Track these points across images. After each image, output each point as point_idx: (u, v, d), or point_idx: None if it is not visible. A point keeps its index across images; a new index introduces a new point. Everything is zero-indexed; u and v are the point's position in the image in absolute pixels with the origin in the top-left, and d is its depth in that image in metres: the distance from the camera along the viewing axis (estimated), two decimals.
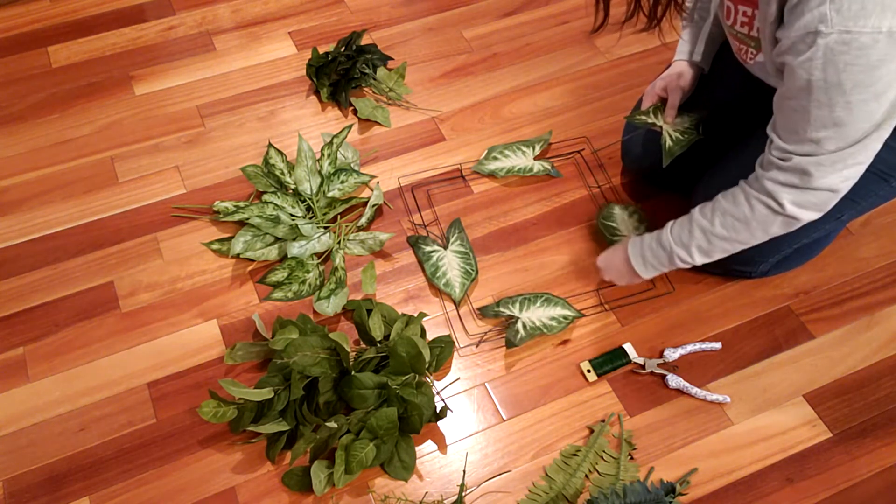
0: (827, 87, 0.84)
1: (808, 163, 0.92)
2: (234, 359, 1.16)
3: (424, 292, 1.29)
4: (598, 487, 1.07)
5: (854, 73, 0.82)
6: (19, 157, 1.46)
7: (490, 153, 1.45)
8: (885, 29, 0.79)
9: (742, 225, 1.02)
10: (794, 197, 0.96)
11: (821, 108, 0.87)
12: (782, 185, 0.96)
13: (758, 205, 0.99)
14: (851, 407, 1.17)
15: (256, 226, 1.29)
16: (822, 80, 0.84)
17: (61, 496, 1.07)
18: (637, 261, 1.15)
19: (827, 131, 0.89)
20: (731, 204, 1.02)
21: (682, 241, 1.08)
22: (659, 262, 1.13)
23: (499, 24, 1.72)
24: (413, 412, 1.07)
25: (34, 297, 1.27)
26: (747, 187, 1.01)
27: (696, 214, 1.07)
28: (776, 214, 0.99)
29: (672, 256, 1.10)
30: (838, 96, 0.85)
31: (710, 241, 1.06)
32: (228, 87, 1.58)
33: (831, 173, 0.92)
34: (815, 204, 0.97)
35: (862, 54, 0.81)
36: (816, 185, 0.94)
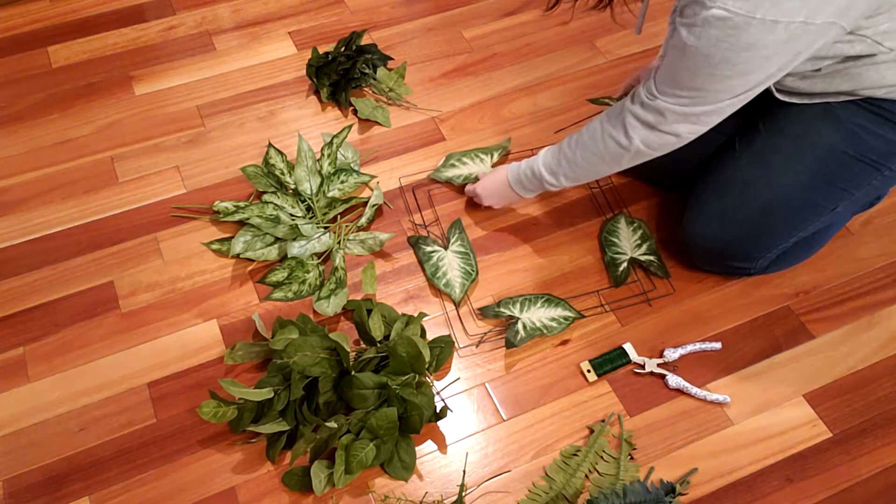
0: (697, 54, 0.91)
1: (665, 107, 1.00)
2: (234, 359, 1.16)
3: (424, 292, 1.29)
4: (598, 487, 1.07)
5: (722, 50, 0.88)
6: (19, 157, 1.46)
7: (448, 160, 1.43)
8: (758, 16, 0.84)
9: (598, 158, 1.13)
10: (645, 135, 1.05)
11: (687, 71, 0.94)
12: (638, 121, 1.05)
13: (610, 141, 1.09)
14: (851, 407, 1.17)
15: (256, 226, 1.29)
16: (695, 47, 0.90)
17: (61, 496, 1.07)
18: (516, 185, 1.26)
19: (688, 92, 0.98)
20: (590, 139, 1.12)
21: (551, 168, 1.18)
22: (532, 186, 1.23)
23: (499, 24, 1.72)
24: (413, 412, 1.07)
25: (34, 297, 1.27)
26: (606, 124, 1.10)
27: (565, 147, 1.17)
28: (625, 150, 1.08)
29: (542, 182, 1.20)
30: (704, 66, 0.91)
31: (574, 171, 1.16)
32: (228, 87, 1.58)
33: (681, 122, 1.01)
34: (660, 145, 1.06)
35: (734, 34, 0.86)
36: (665, 129, 1.03)
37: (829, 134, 1.09)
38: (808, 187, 1.12)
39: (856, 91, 1.05)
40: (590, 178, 1.20)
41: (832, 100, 1.08)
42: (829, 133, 1.09)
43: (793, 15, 0.84)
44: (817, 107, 1.10)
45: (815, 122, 1.10)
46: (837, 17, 0.87)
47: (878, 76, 1.01)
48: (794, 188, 1.12)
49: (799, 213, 1.15)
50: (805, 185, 1.12)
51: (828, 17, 0.86)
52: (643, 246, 1.32)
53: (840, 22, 0.87)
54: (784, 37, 0.86)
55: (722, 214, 1.18)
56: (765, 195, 1.14)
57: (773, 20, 0.84)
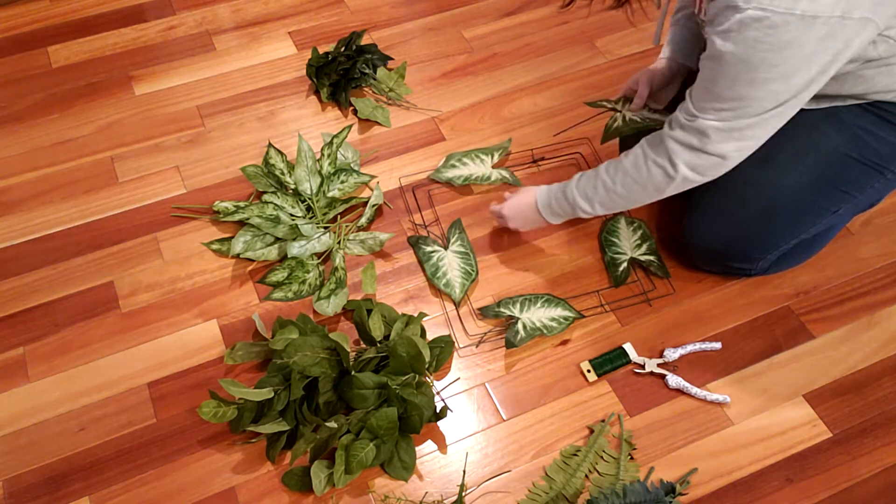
0: (735, 60, 0.88)
1: (708, 126, 0.97)
2: (234, 359, 1.16)
3: (424, 292, 1.29)
4: (598, 487, 1.07)
5: (762, 51, 0.86)
6: (19, 157, 1.46)
7: (448, 161, 1.43)
8: (798, 11, 0.82)
9: (639, 187, 1.08)
10: (689, 159, 1.01)
11: (728, 80, 0.91)
12: (681, 146, 1.01)
13: (654, 168, 1.05)
14: (851, 407, 1.17)
15: (256, 226, 1.29)
16: (732, 52, 0.88)
17: (61, 496, 1.07)
18: (544, 210, 1.20)
19: (728, 104, 0.93)
20: (632, 166, 1.08)
21: (586, 195, 1.14)
22: (563, 211, 1.19)
23: (499, 24, 1.72)
24: (413, 412, 1.07)
25: (34, 297, 1.27)
26: (648, 150, 1.06)
27: (602, 173, 1.12)
28: (670, 179, 1.04)
29: (575, 209, 1.16)
30: (744, 71, 0.89)
31: (611, 199, 1.12)
32: (228, 87, 1.58)
33: (727, 140, 0.97)
34: (707, 168, 1.02)
35: (772, 33, 0.84)
36: (711, 150, 0.99)
37: (832, 136, 1.09)
38: (811, 189, 1.11)
39: (866, 95, 1.04)
40: (627, 206, 1.14)
41: (840, 103, 1.07)
42: (832, 135, 1.09)
43: (831, 9, 0.83)
44: (821, 109, 1.09)
45: (818, 123, 1.09)
46: (872, 13, 0.85)
47: (891, 80, 1.00)
48: (796, 190, 1.12)
49: (801, 214, 1.15)
50: (807, 187, 1.11)
51: (864, 12, 0.84)
52: (643, 246, 1.32)
53: (875, 18, 0.86)
54: (822, 33, 0.84)
55: (723, 215, 1.18)
56: (767, 196, 1.13)
57: (812, 16, 0.82)
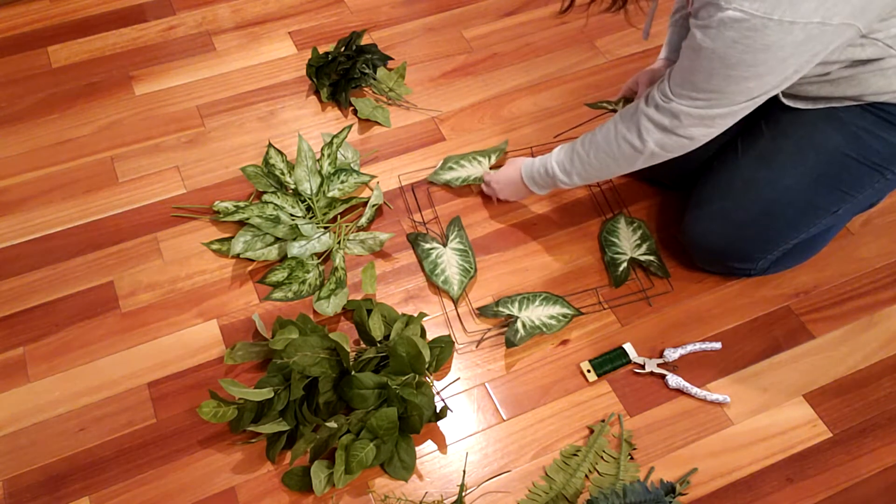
0: (713, 56, 0.90)
1: (681, 110, 1.00)
2: (234, 359, 1.16)
3: (424, 292, 1.29)
4: (598, 487, 1.07)
5: (739, 51, 0.88)
6: (19, 157, 1.46)
7: (446, 163, 1.43)
8: (776, 16, 0.83)
9: (611, 159, 1.12)
10: (659, 138, 1.04)
11: (702, 73, 0.93)
12: (653, 124, 1.04)
13: (624, 143, 1.09)
14: (851, 407, 1.17)
15: (256, 226, 1.29)
16: (711, 49, 0.89)
17: (61, 496, 1.07)
18: (529, 181, 1.26)
19: (703, 94, 0.96)
20: (604, 140, 1.12)
21: (564, 167, 1.18)
22: (545, 183, 1.24)
23: (499, 24, 1.72)
24: (413, 412, 1.07)
25: (34, 297, 1.27)
26: (620, 125, 1.09)
27: (578, 145, 1.16)
28: (639, 154, 1.08)
29: (555, 180, 1.20)
30: (720, 67, 0.91)
31: (587, 170, 1.16)
32: (228, 87, 1.58)
33: (697, 125, 1.01)
34: (674, 147, 1.05)
35: (751, 35, 0.85)
36: (680, 133, 1.02)
37: (832, 136, 1.09)
38: (811, 189, 1.12)
39: (861, 97, 1.04)
40: (602, 177, 1.21)
41: (836, 105, 1.07)
42: (832, 135, 1.09)
43: (809, 16, 0.83)
44: (820, 109, 1.09)
45: (818, 124, 1.10)
46: (853, 19, 0.86)
47: (886, 82, 1.00)
48: (796, 190, 1.12)
49: (801, 214, 1.15)
50: (807, 187, 1.11)
51: (844, 18, 0.85)
52: (643, 246, 1.32)
53: (856, 23, 0.87)
54: (801, 38, 0.85)
55: (723, 215, 1.18)
56: (767, 196, 1.13)
57: (791, 21, 0.83)
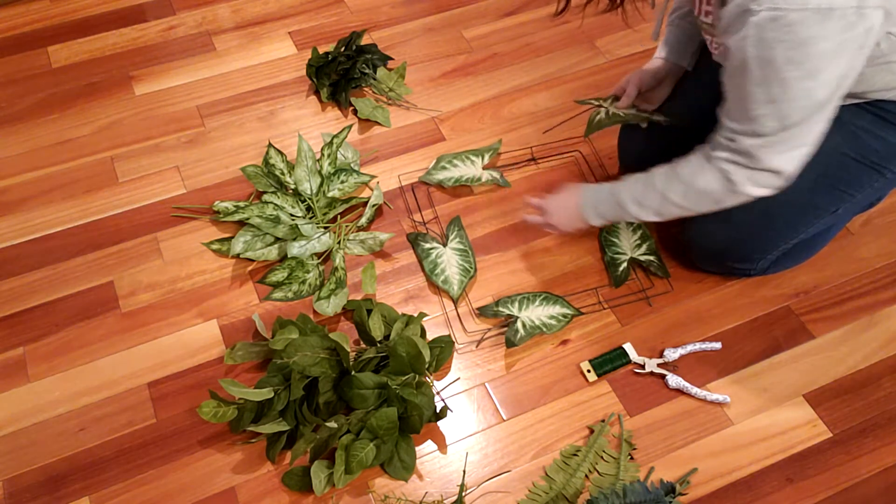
0: (760, 64, 0.86)
1: (751, 145, 0.95)
2: (234, 359, 1.16)
3: (424, 292, 1.29)
4: (598, 487, 1.07)
5: (784, 50, 0.84)
6: (19, 157, 1.46)
7: (439, 162, 1.43)
8: (811, 6, 0.81)
9: (697, 196, 1.05)
10: (747, 175, 0.99)
11: (757, 86, 0.89)
12: (732, 164, 0.99)
13: (714, 181, 1.01)
14: (851, 407, 1.17)
15: (256, 226, 1.29)
16: (756, 57, 0.86)
17: (61, 496, 1.07)
18: (589, 211, 1.15)
19: (764, 108, 0.90)
20: (690, 175, 1.04)
21: (637, 200, 1.09)
22: (612, 214, 1.14)
23: (499, 24, 1.72)
24: (413, 412, 1.07)
25: (34, 297, 1.27)
26: (705, 162, 1.02)
27: (657, 180, 1.08)
28: (732, 192, 1.01)
29: (625, 213, 1.12)
30: (772, 73, 0.87)
31: (664, 206, 1.08)
32: (228, 87, 1.58)
33: (775, 155, 0.95)
34: (767, 183, 1.00)
35: (790, 31, 0.83)
36: (763, 167, 0.97)
37: (831, 136, 1.09)
38: (810, 189, 1.11)
39: (865, 94, 1.04)
40: (682, 215, 1.09)
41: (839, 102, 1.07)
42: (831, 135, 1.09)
43: (846, 2, 0.81)
44: None
45: None
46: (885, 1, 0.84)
47: (891, 77, 1.00)
48: (795, 190, 1.12)
49: (800, 214, 1.15)
50: (807, 187, 1.11)
51: (880, 3, 0.83)
52: (643, 246, 1.32)
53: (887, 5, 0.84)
54: (840, 25, 0.83)
55: (723, 215, 1.18)
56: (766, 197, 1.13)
57: (828, 7, 0.81)
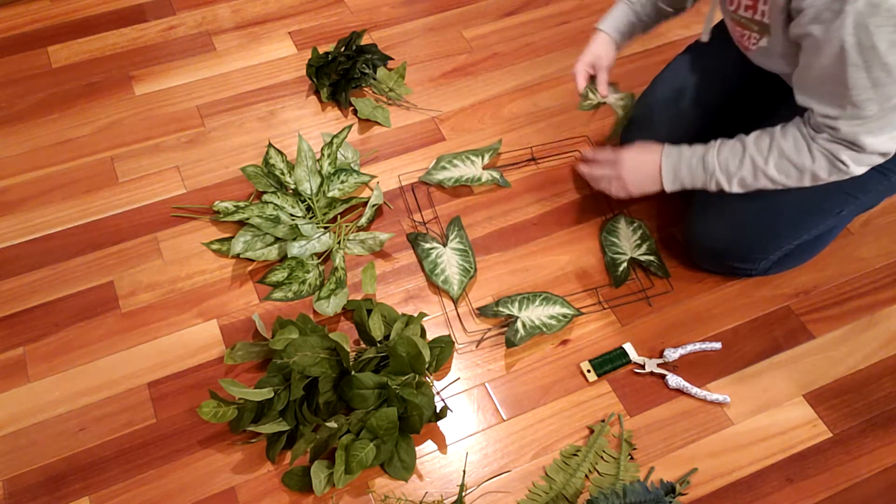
0: (861, 50, 0.85)
1: (855, 134, 0.94)
2: (234, 359, 1.16)
3: (424, 292, 1.29)
4: (598, 487, 1.07)
5: (887, 34, 0.83)
6: (19, 157, 1.46)
7: (438, 162, 1.43)
8: None
9: (797, 171, 1.01)
10: (852, 155, 0.97)
11: (858, 72, 0.88)
12: (839, 150, 0.97)
13: (821, 158, 0.99)
14: (851, 407, 1.17)
15: (256, 226, 1.29)
16: (856, 44, 0.85)
17: (61, 496, 1.07)
18: (669, 174, 1.11)
19: (867, 93, 0.89)
20: (793, 149, 1.00)
21: (727, 168, 1.06)
22: (692, 180, 1.10)
23: (499, 24, 1.72)
24: (413, 412, 1.07)
25: (34, 297, 1.27)
26: (810, 142, 0.99)
27: (751, 147, 1.04)
28: (836, 170, 0.99)
29: (710, 180, 1.08)
30: (874, 58, 0.86)
31: (757, 177, 1.04)
32: (228, 87, 1.58)
33: (881, 137, 0.94)
34: (872, 162, 0.98)
35: (892, 14, 0.82)
36: (870, 150, 0.95)
37: None
38: (815, 191, 1.11)
39: None
40: (765, 188, 1.06)
41: None
42: None
43: None
44: None
45: None
46: None
47: None
48: (800, 191, 1.11)
49: (804, 216, 1.14)
50: (811, 189, 1.11)
51: None
52: (643, 246, 1.32)
53: None
54: None
55: (725, 215, 1.18)
56: (770, 197, 1.13)
57: None
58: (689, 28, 1.70)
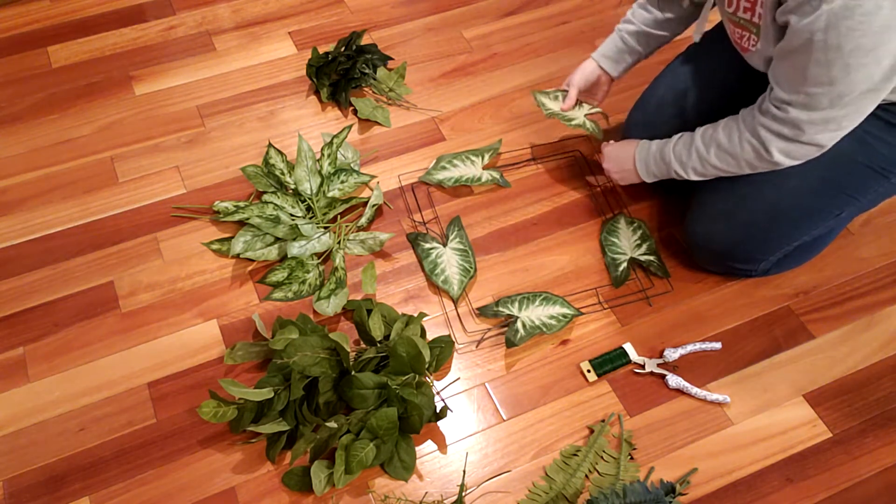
0: (827, 48, 0.87)
1: (801, 120, 0.96)
2: (234, 359, 1.16)
3: (424, 292, 1.29)
4: (598, 487, 1.07)
5: (855, 38, 0.85)
6: (19, 157, 1.46)
7: (438, 162, 1.43)
8: None
9: (732, 160, 1.08)
10: (782, 146, 1.01)
11: (818, 67, 0.90)
12: (773, 134, 1.01)
13: (747, 146, 1.05)
14: (851, 407, 1.17)
15: (256, 226, 1.29)
16: (823, 41, 0.87)
17: (61, 496, 1.07)
18: (641, 165, 1.22)
19: (822, 88, 0.92)
20: (726, 138, 1.07)
21: (681, 159, 1.14)
22: (659, 171, 1.19)
23: (499, 24, 1.72)
24: (413, 412, 1.07)
25: (34, 297, 1.27)
26: (742, 126, 1.05)
27: (697, 139, 1.12)
28: (762, 159, 1.05)
29: (670, 170, 1.17)
30: (837, 58, 0.88)
31: (704, 166, 1.12)
32: (228, 87, 1.58)
33: (822, 131, 0.97)
34: (801, 155, 1.02)
35: (865, 20, 0.83)
36: (805, 140, 0.99)
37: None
38: (815, 192, 1.11)
39: None
40: (721, 175, 1.13)
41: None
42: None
43: None
44: None
45: None
46: None
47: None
48: (800, 192, 1.12)
49: (805, 216, 1.14)
50: (812, 190, 1.11)
51: None
52: (643, 246, 1.32)
53: None
54: None
55: (726, 216, 1.18)
56: (771, 198, 1.13)
57: None
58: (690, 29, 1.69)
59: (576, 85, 1.34)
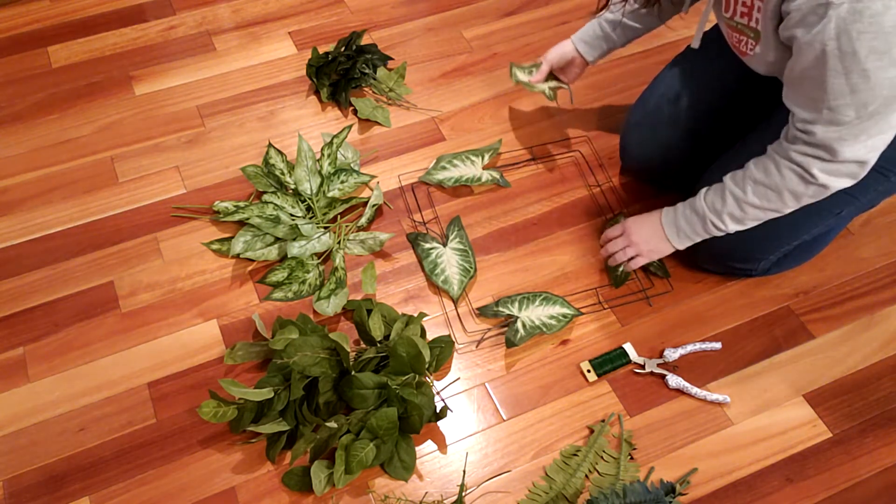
0: (842, 55, 0.85)
1: (831, 139, 0.93)
2: (234, 359, 1.16)
3: (424, 292, 1.29)
4: (598, 487, 1.07)
5: (868, 41, 0.83)
6: (19, 157, 1.46)
7: (438, 162, 1.43)
8: None
9: (774, 194, 1.02)
10: (824, 167, 0.96)
11: (837, 77, 0.87)
12: (810, 158, 0.97)
13: (788, 173, 0.99)
14: (851, 407, 1.17)
15: (256, 226, 1.29)
16: (836, 49, 0.85)
17: (61, 496, 1.07)
18: (671, 230, 1.15)
19: (844, 99, 0.89)
20: (763, 173, 1.02)
21: (714, 208, 1.08)
22: (693, 230, 1.13)
23: (499, 24, 1.72)
24: (413, 412, 1.07)
25: (34, 297, 1.27)
26: (776, 156, 1.01)
27: (728, 182, 1.07)
28: (808, 184, 0.99)
29: (706, 223, 1.10)
30: (854, 64, 0.85)
31: (743, 209, 1.06)
32: (228, 87, 1.58)
33: (856, 145, 0.93)
34: (846, 174, 0.97)
35: (874, 21, 0.82)
36: (843, 158, 0.94)
37: None
38: None
39: None
40: (761, 217, 1.07)
41: None
42: None
43: None
44: None
45: None
46: None
47: None
48: None
49: (804, 216, 1.14)
50: None
51: None
52: None
53: None
54: None
55: None
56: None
57: None
58: (690, 29, 1.70)
59: (549, 61, 1.37)
